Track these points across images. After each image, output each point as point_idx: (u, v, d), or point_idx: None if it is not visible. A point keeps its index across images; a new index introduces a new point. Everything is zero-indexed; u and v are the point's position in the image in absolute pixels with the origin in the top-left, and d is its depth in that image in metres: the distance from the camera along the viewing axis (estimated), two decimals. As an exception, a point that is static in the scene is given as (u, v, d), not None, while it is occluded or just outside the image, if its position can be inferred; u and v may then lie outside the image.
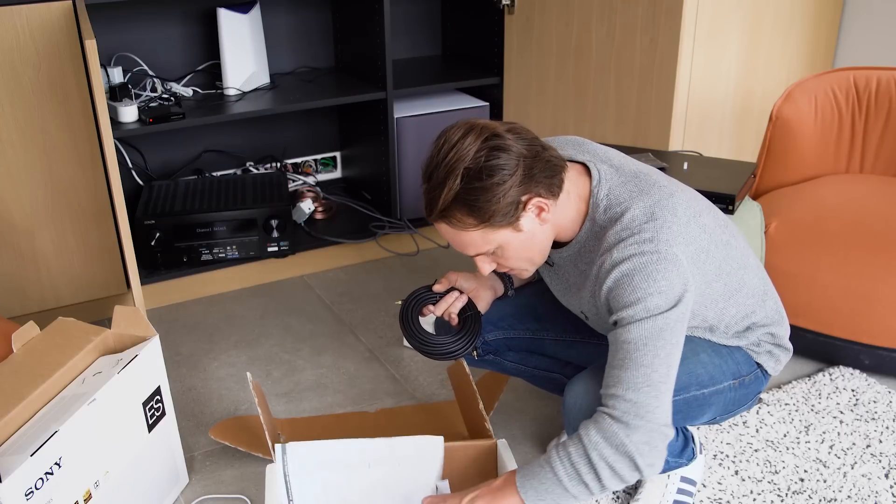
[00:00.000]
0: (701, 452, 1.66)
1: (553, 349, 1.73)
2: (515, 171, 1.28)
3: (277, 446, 1.50)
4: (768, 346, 1.57)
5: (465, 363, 1.68)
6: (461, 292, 1.62)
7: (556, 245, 1.48)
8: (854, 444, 1.83)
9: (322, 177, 3.00)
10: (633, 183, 1.39)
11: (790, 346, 1.60)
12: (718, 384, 1.50)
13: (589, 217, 1.40)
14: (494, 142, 1.28)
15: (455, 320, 1.61)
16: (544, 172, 1.32)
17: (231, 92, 2.56)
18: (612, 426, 1.30)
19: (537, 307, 1.71)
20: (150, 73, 2.57)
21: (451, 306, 1.61)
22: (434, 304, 1.61)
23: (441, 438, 1.57)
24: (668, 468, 1.60)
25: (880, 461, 1.77)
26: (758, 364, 1.57)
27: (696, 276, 1.36)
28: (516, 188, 1.29)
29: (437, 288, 1.62)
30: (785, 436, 1.85)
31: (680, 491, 1.62)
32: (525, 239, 1.36)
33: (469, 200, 1.28)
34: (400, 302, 1.64)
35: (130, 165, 2.62)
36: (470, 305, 1.62)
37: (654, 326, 1.29)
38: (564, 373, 1.77)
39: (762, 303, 1.53)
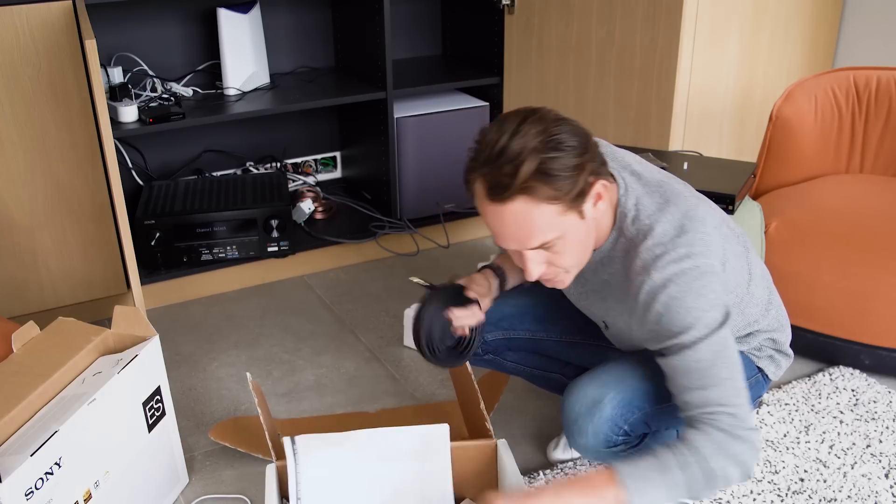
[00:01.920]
0: None
1: (553, 349, 1.73)
2: (586, 148, 1.25)
3: (286, 438, 1.49)
4: (769, 352, 1.57)
5: (468, 363, 1.68)
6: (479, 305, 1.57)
7: None
8: (854, 444, 1.83)
9: (322, 177, 3.00)
10: (658, 193, 1.37)
11: (791, 352, 1.60)
12: None
13: (616, 227, 1.37)
14: (560, 123, 1.24)
15: (466, 333, 1.57)
16: (600, 158, 1.29)
17: (231, 92, 2.56)
18: (727, 440, 1.28)
19: (537, 308, 1.70)
20: (150, 73, 2.57)
21: (468, 319, 1.56)
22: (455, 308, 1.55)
23: (446, 426, 1.54)
24: None
25: (880, 461, 1.77)
26: (759, 368, 1.57)
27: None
28: (590, 164, 1.25)
29: (473, 294, 1.55)
30: (785, 436, 1.85)
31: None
32: (586, 229, 1.31)
33: (551, 171, 1.22)
34: (417, 280, 1.58)
35: (130, 165, 2.62)
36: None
37: (719, 339, 1.28)
38: (564, 373, 1.77)
39: (766, 312, 1.53)
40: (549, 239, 1.28)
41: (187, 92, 2.56)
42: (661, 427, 1.48)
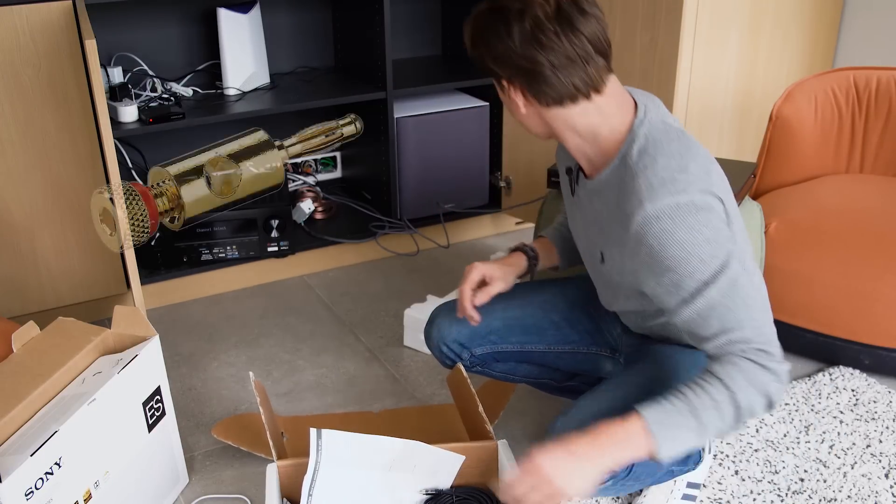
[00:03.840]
0: (710, 452, 1.65)
1: (541, 359, 1.71)
2: (514, 38, 1.28)
3: (312, 430, 1.49)
4: None
5: (462, 369, 1.68)
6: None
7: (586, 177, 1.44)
8: (854, 444, 1.83)
9: (322, 177, 3.00)
10: (677, 134, 1.33)
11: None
12: None
13: (621, 153, 1.33)
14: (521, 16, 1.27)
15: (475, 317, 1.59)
16: (544, 82, 1.29)
17: (231, 92, 2.56)
18: (756, 370, 1.26)
19: (524, 320, 1.69)
20: (150, 73, 2.57)
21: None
22: None
23: (462, 458, 1.57)
24: (672, 476, 1.59)
25: (880, 461, 1.77)
26: None
27: None
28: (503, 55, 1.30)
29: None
30: (785, 436, 1.85)
31: (685, 497, 1.62)
32: (509, 103, 1.37)
33: (482, 33, 1.31)
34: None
35: (130, 165, 2.62)
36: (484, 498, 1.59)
37: (727, 280, 1.26)
38: (554, 378, 1.77)
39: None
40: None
41: (187, 92, 2.56)
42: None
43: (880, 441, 1.83)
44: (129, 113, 2.30)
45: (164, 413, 1.64)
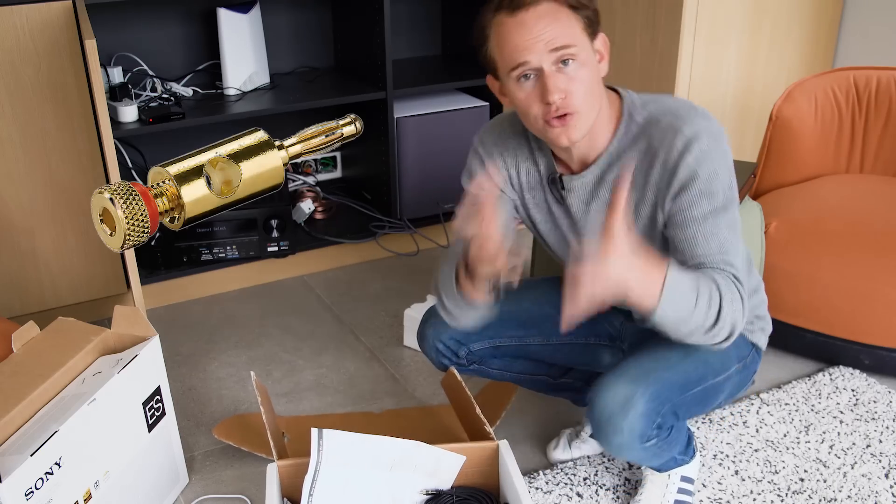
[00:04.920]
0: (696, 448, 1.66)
1: (538, 353, 1.71)
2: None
3: (314, 430, 1.49)
4: (761, 324, 1.60)
5: (456, 372, 1.67)
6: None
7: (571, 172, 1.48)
8: (854, 444, 1.83)
9: (322, 177, 3.00)
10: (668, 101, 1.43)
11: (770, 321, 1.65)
12: (728, 369, 1.52)
13: (624, 122, 1.41)
14: None
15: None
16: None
17: (231, 92, 2.56)
18: (737, 298, 1.34)
19: (520, 314, 1.69)
20: (150, 73, 2.57)
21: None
22: None
23: (463, 458, 1.57)
24: (673, 465, 1.60)
25: (880, 461, 1.78)
26: (752, 343, 1.59)
27: None
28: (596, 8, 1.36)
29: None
30: (785, 436, 1.85)
31: (681, 490, 1.62)
32: (596, 75, 1.35)
33: None
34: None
35: (130, 165, 2.62)
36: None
37: (733, 216, 1.36)
38: (550, 374, 1.77)
39: (756, 290, 1.56)
40: (571, 44, 1.30)
41: (187, 92, 2.56)
42: (687, 416, 1.48)
43: (880, 441, 1.84)
44: (129, 113, 2.30)
45: (164, 413, 1.64)
